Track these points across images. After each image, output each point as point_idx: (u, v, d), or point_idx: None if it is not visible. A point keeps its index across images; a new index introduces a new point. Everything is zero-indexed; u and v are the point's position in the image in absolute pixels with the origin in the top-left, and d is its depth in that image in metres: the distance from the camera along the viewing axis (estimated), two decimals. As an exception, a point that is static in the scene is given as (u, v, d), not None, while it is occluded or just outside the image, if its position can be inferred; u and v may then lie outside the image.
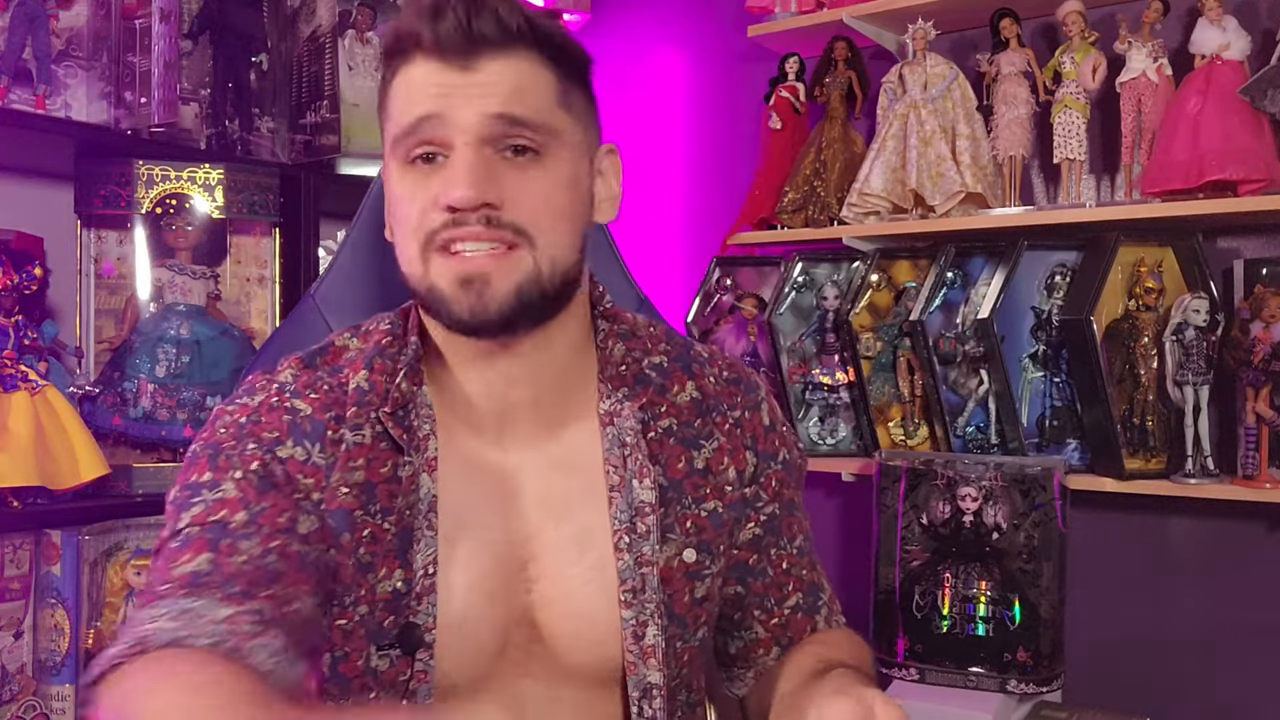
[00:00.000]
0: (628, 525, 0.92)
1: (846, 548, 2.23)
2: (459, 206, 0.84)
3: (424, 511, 0.90)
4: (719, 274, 2.21)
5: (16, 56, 1.65)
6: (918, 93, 1.97)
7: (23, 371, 1.59)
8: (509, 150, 0.87)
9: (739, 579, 1.01)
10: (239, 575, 0.82)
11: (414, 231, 0.87)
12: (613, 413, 0.95)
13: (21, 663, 1.63)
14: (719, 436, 0.98)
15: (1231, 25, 1.72)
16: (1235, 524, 1.83)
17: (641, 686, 0.91)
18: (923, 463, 1.81)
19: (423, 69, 0.87)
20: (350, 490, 0.89)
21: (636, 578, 0.91)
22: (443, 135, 0.86)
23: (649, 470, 0.93)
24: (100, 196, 1.78)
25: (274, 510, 0.87)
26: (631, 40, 2.58)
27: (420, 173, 0.87)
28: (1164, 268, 1.81)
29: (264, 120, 1.96)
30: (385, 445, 0.91)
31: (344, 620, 0.89)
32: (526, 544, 0.92)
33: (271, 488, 0.88)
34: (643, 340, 1.00)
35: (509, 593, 0.91)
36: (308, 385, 0.93)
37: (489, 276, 0.86)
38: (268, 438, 0.90)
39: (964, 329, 1.91)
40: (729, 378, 1.02)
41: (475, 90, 0.86)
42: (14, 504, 1.57)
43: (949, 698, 1.72)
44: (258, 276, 1.90)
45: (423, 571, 0.89)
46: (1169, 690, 1.87)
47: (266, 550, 0.84)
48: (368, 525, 0.89)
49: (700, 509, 0.96)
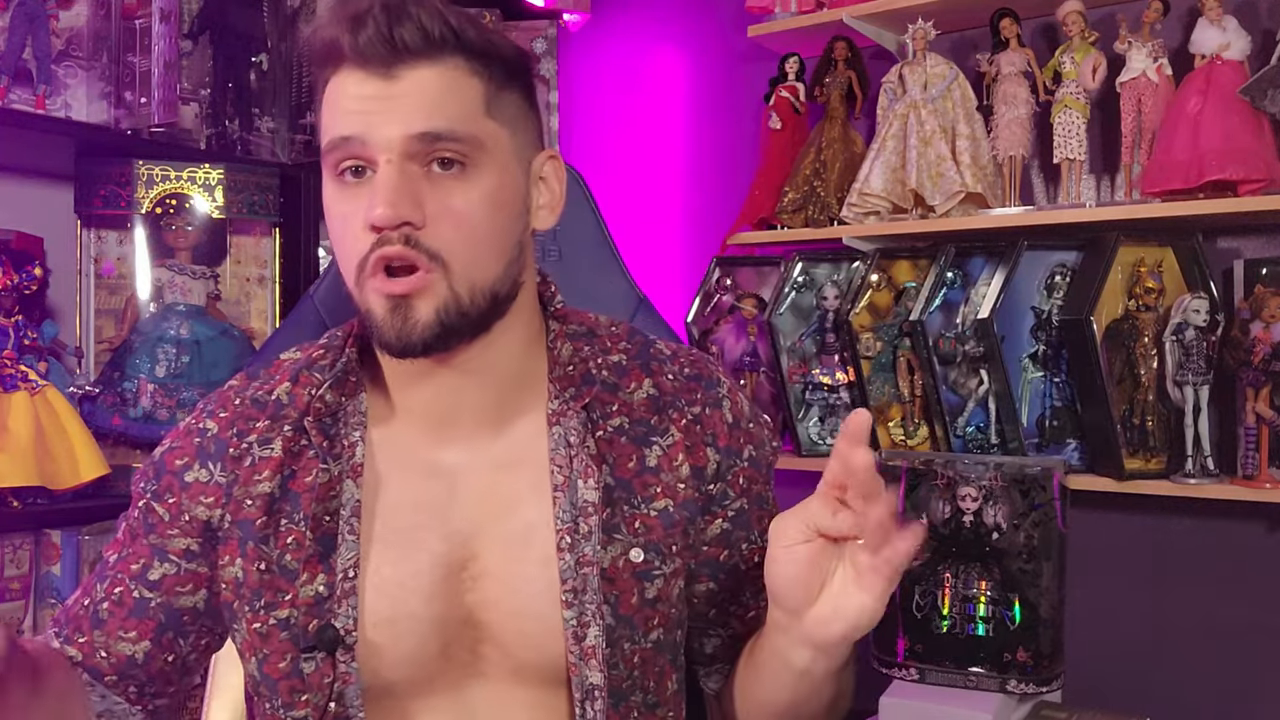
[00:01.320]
0: (570, 525, 0.91)
1: (846, 548, 2.22)
2: (380, 225, 0.84)
3: (346, 517, 0.91)
4: (719, 274, 2.21)
5: (16, 56, 1.65)
6: (918, 93, 1.97)
7: (23, 371, 1.59)
8: (435, 164, 0.86)
9: (710, 575, 0.99)
10: (72, 619, 0.97)
11: (347, 254, 0.87)
12: (560, 412, 0.94)
13: (21, 663, 1.63)
14: (674, 433, 0.96)
15: (1231, 25, 1.72)
16: (1235, 524, 1.83)
17: (584, 688, 0.90)
18: (923, 463, 1.81)
19: (346, 80, 0.86)
20: (254, 502, 0.92)
21: (578, 578, 0.90)
22: (367, 153, 0.85)
23: (593, 470, 0.92)
24: (100, 196, 1.78)
25: (132, 557, 0.96)
26: (631, 40, 2.58)
27: (350, 189, 0.87)
28: (1164, 268, 1.80)
29: (264, 120, 1.96)
30: (313, 454, 0.92)
31: (259, 624, 0.91)
32: (467, 542, 0.92)
33: (145, 530, 0.95)
34: (601, 339, 1.00)
35: (448, 591, 0.91)
36: (225, 402, 0.97)
37: (411, 301, 0.85)
38: (177, 465, 0.95)
39: (964, 329, 1.91)
40: (689, 374, 1.00)
41: (397, 105, 0.85)
42: (14, 504, 1.57)
43: (949, 698, 1.72)
44: (257, 276, 1.90)
45: (343, 575, 0.90)
46: (1169, 690, 1.87)
47: (108, 595, 0.96)
48: (291, 532, 0.91)
49: (650, 508, 0.94)
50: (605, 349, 0.99)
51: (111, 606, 0.95)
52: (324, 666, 0.89)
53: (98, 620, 0.95)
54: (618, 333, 1.02)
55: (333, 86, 0.88)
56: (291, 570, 0.90)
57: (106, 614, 0.95)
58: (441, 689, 0.92)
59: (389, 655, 0.90)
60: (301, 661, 0.90)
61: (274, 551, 0.91)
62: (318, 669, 0.89)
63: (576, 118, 2.60)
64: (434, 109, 0.85)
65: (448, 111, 0.86)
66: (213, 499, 0.93)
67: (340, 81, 0.87)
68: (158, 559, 0.94)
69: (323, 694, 0.89)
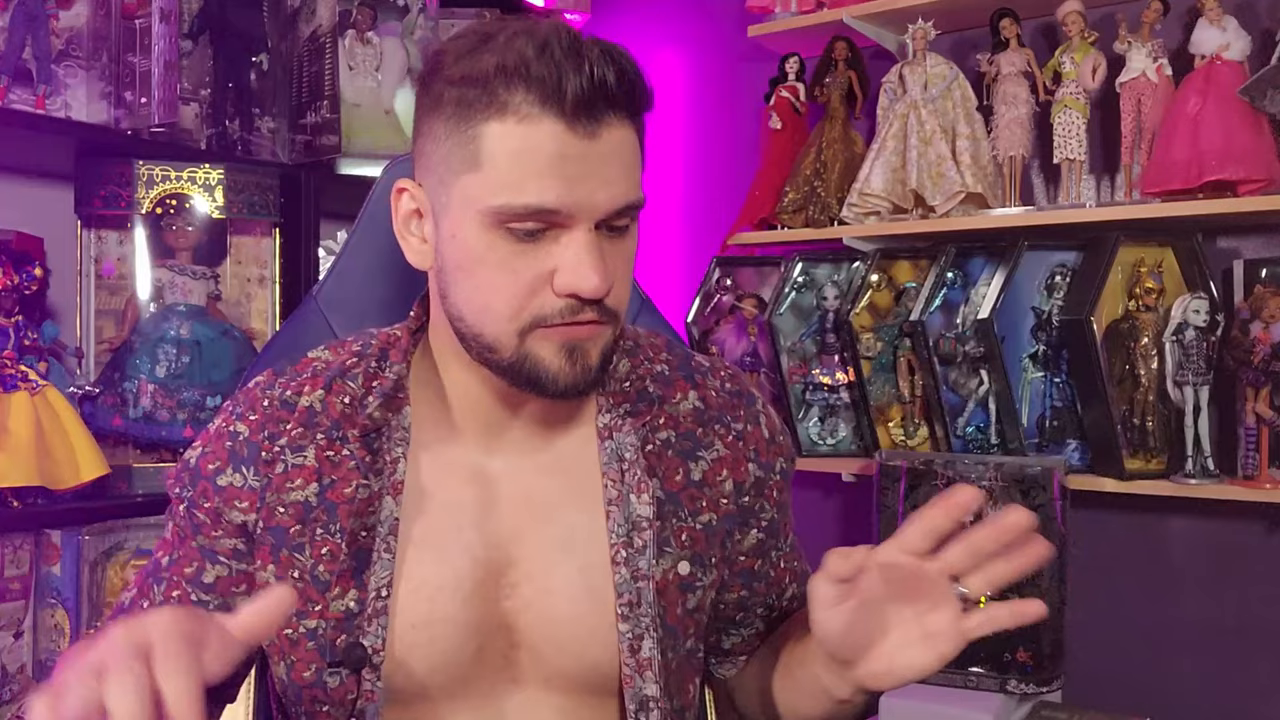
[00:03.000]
0: (625, 540, 0.91)
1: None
2: (591, 298, 0.82)
3: (383, 534, 0.90)
4: (719, 274, 2.21)
5: (16, 56, 1.64)
6: (918, 93, 1.97)
7: (23, 372, 1.59)
8: (606, 228, 0.84)
9: (745, 584, 1.01)
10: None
11: (516, 310, 0.83)
12: (612, 427, 0.95)
13: (21, 663, 1.63)
14: (719, 448, 0.98)
15: (1231, 25, 1.72)
16: (1235, 524, 1.83)
17: (638, 699, 0.91)
18: (923, 463, 1.81)
19: (548, 134, 0.79)
20: (288, 510, 0.90)
21: (633, 591, 0.91)
22: (563, 219, 0.81)
23: (647, 485, 0.93)
24: (100, 196, 1.78)
25: (184, 560, 0.94)
26: (631, 40, 2.57)
27: (522, 243, 0.82)
28: (1164, 268, 1.81)
29: (264, 120, 1.96)
30: (352, 467, 0.91)
31: (289, 630, 0.90)
32: (506, 548, 0.92)
33: (192, 532, 0.93)
34: (645, 350, 1.00)
35: (485, 596, 0.91)
36: (253, 404, 0.94)
37: (586, 345, 0.85)
38: (210, 469, 0.93)
39: (964, 329, 1.91)
40: (731, 389, 1.01)
41: (599, 170, 0.81)
42: (14, 504, 1.57)
43: (949, 698, 1.72)
44: (258, 277, 1.90)
45: (375, 594, 0.89)
46: (1169, 690, 1.87)
47: (168, 599, 0.93)
48: (326, 543, 0.90)
49: (696, 521, 0.95)
50: (649, 359, 1.00)
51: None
52: (348, 682, 0.89)
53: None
54: (657, 344, 1.02)
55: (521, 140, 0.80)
56: (324, 582, 0.89)
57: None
58: (474, 694, 0.92)
59: (423, 658, 0.89)
60: (326, 674, 0.89)
61: (308, 561, 0.90)
62: (342, 684, 0.89)
63: (576, 118, 2.59)
64: (630, 177, 0.84)
65: (635, 177, 0.85)
66: (247, 504, 0.92)
67: (537, 137, 0.79)
68: (209, 561, 0.93)
69: (344, 708, 0.89)
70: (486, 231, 0.82)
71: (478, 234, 0.82)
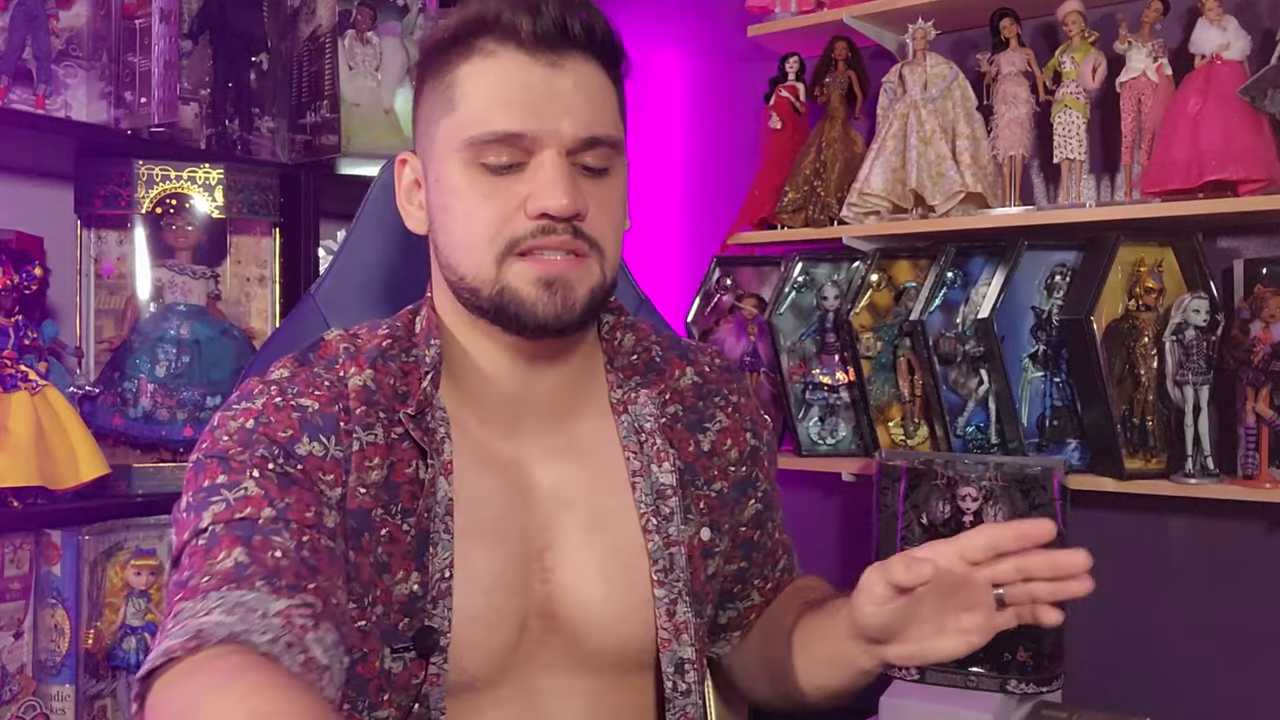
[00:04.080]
0: (653, 509, 0.95)
1: (846, 548, 2.22)
2: (558, 216, 0.85)
3: (441, 515, 0.90)
4: (719, 274, 2.21)
5: (16, 56, 1.65)
6: (918, 93, 1.97)
7: (23, 371, 1.59)
8: (580, 165, 0.88)
9: (744, 555, 1.05)
10: (281, 569, 0.78)
11: (492, 236, 0.87)
12: (626, 401, 0.98)
13: (21, 663, 1.63)
14: (722, 419, 1.03)
15: (1231, 25, 1.72)
16: (1235, 524, 1.83)
17: (675, 661, 0.94)
18: (923, 463, 1.81)
19: (509, 65, 0.86)
20: (368, 490, 0.88)
21: (665, 557, 0.94)
22: (533, 145, 0.86)
23: (668, 454, 0.97)
24: (100, 196, 1.78)
25: (299, 505, 0.83)
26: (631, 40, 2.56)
27: (492, 172, 0.87)
28: (1164, 268, 1.80)
29: (264, 120, 1.96)
30: (408, 446, 0.90)
31: (362, 621, 0.87)
32: (541, 533, 0.94)
33: (292, 483, 0.84)
34: (643, 332, 1.05)
35: (526, 583, 0.92)
36: (308, 383, 0.90)
37: (570, 280, 0.88)
38: (282, 437, 0.86)
39: (964, 329, 1.91)
40: (722, 365, 1.07)
41: (566, 100, 0.86)
42: (14, 504, 1.57)
43: (949, 698, 1.72)
44: (258, 276, 1.90)
45: (439, 575, 0.88)
46: (1169, 690, 1.87)
47: (299, 544, 0.81)
48: (386, 525, 0.88)
49: (710, 489, 1.00)
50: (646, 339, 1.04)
51: (313, 555, 0.81)
52: (413, 666, 0.88)
53: (310, 568, 0.80)
54: (644, 329, 1.06)
55: (487, 70, 0.87)
56: (384, 565, 0.88)
57: (315, 561, 0.81)
58: (511, 680, 0.92)
59: (478, 650, 0.90)
60: (390, 660, 0.88)
61: (370, 542, 0.88)
62: (406, 669, 0.88)
63: (576, 118, 2.59)
64: (597, 111, 0.88)
65: (606, 117, 0.89)
66: (332, 476, 0.86)
67: (500, 66, 0.87)
68: (325, 507, 0.85)
69: (409, 694, 0.88)
70: (465, 169, 0.88)
71: (458, 172, 0.88)
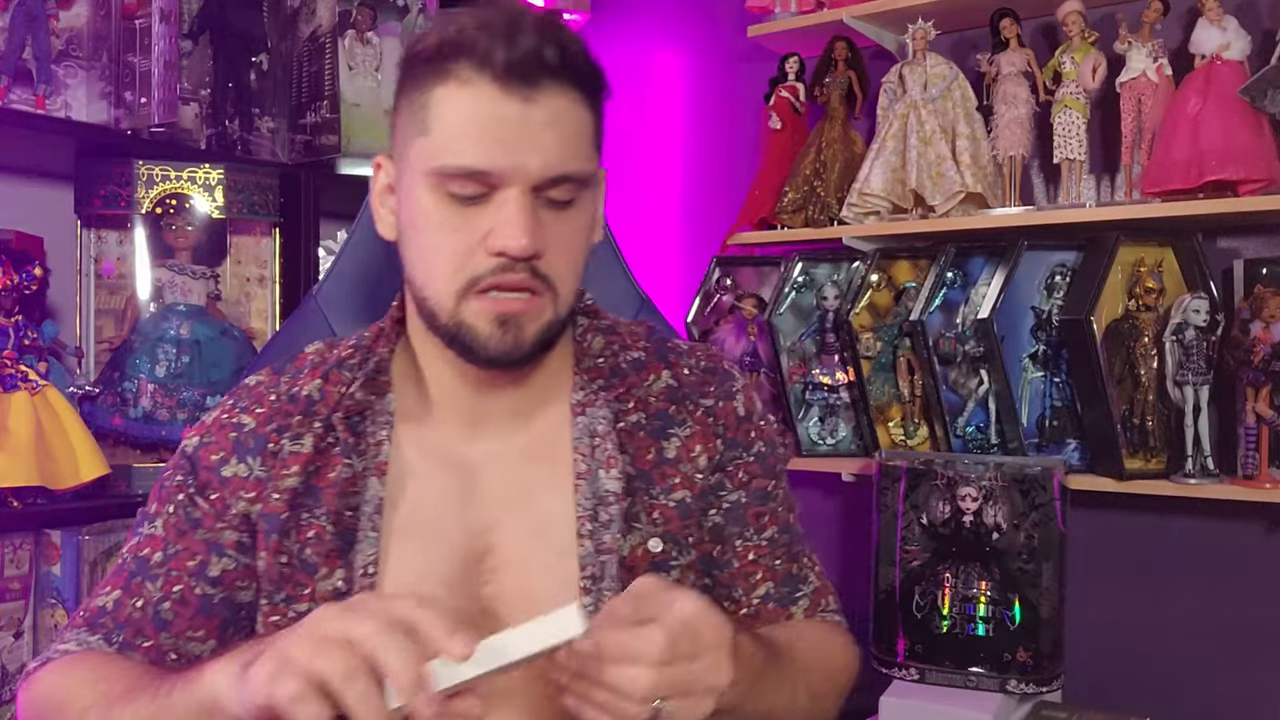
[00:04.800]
0: (590, 513, 0.93)
1: (846, 548, 2.23)
2: (517, 256, 0.85)
3: (369, 513, 0.92)
4: (719, 274, 2.21)
5: (16, 56, 1.65)
6: (918, 93, 1.97)
7: (23, 371, 1.59)
8: (546, 200, 0.88)
9: (706, 571, 1.00)
10: (129, 622, 0.93)
11: (453, 271, 0.87)
12: (585, 403, 0.97)
13: (21, 663, 1.63)
14: (691, 424, 0.99)
15: (1231, 25, 1.72)
16: (1235, 524, 1.83)
17: None
18: (923, 463, 1.81)
19: (483, 95, 0.85)
20: (281, 495, 0.92)
21: (596, 565, 0.92)
22: (497, 179, 0.85)
23: (616, 460, 0.94)
24: (100, 196, 1.78)
25: (185, 554, 0.94)
26: (631, 40, 2.57)
27: (462, 207, 0.87)
28: (1164, 268, 1.80)
29: (264, 120, 1.96)
30: (338, 450, 0.93)
31: (276, 616, 0.92)
32: (485, 535, 0.93)
33: (192, 525, 0.94)
34: (622, 336, 1.03)
35: (466, 584, 0.92)
36: (259, 398, 0.97)
37: (522, 320, 0.88)
38: (213, 460, 0.95)
39: (964, 329, 1.91)
40: (705, 367, 1.03)
41: (536, 136, 0.85)
42: (14, 504, 1.57)
43: (949, 698, 1.72)
44: (258, 276, 1.90)
45: (362, 571, 0.91)
46: (1169, 690, 1.87)
47: (166, 595, 0.93)
48: (312, 526, 0.92)
49: (669, 499, 0.96)
50: (626, 345, 1.02)
51: (175, 606, 0.93)
52: None
53: (162, 622, 0.93)
54: (637, 331, 1.05)
55: (459, 100, 0.86)
56: (311, 564, 0.91)
57: (171, 614, 0.93)
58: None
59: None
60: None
61: (294, 545, 0.92)
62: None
63: (576, 118, 2.59)
64: (569, 146, 0.87)
65: (578, 151, 0.88)
66: (253, 494, 0.94)
67: (473, 98, 0.85)
68: (214, 554, 0.94)
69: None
70: (432, 193, 0.87)
71: (426, 195, 0.88)
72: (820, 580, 1.04)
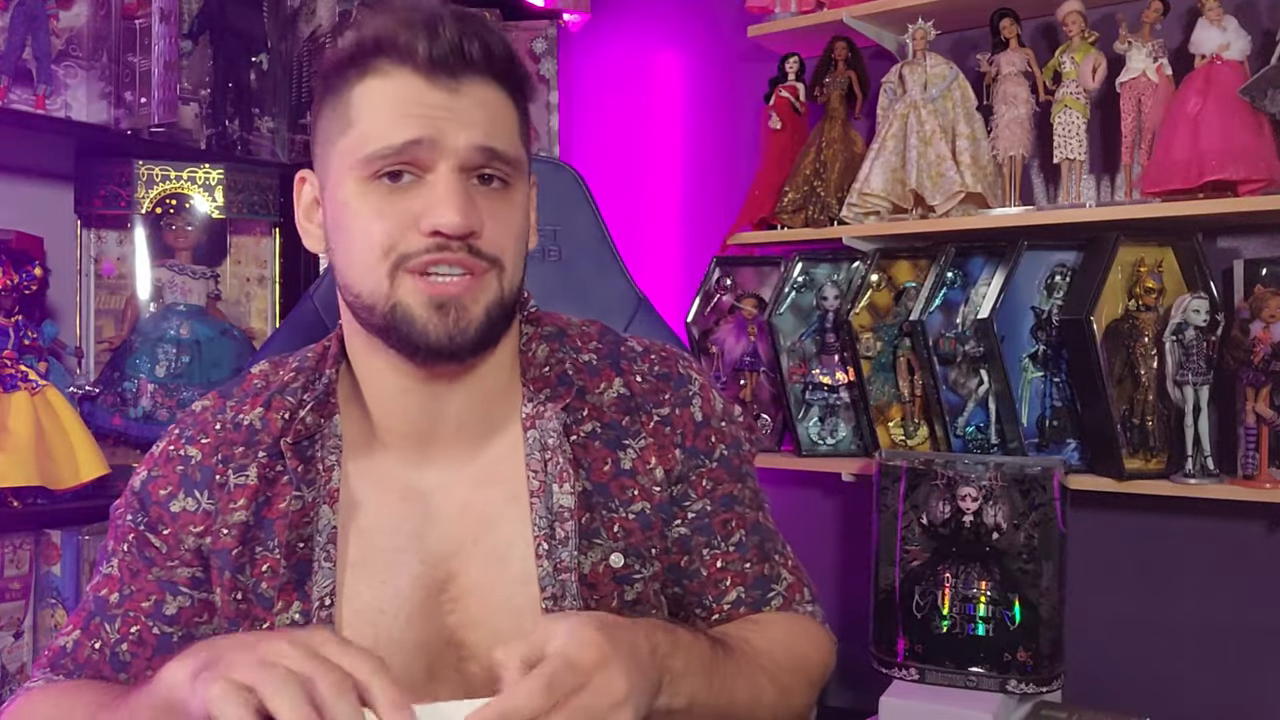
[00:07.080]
0: (546, 532, 0.91)
1: (846, 548, 2.23)
2: (451, 234, 0.83)
3: (322, 544, 0.90)
4: (719, 274, 2.21)
5: (16, 56, 1.65)
6: (918, 93, 1.97)
7: (23, 371, 1.59)
8: (478, 179, 0.87)
9: (675, 581, 0.98)
10: (88, 664, 0.92)
11: (384, 252, 0.85)
12: (535, 415, 0.94)
13: (21, 663, 1.63)
14: (645, 436, 0.96)
15: (1231, 25, 1.72)
16: (1235, 524, 1.83)
17: None
18: (923, 463, 1.81)
19: (405, 85, 0.85)
20: (230, 530, 0.91)
21: (556, 584, 0.90)
22: (426, 158, 0.84)
23: (569, 475, 0.92)
24: (100, 196, 1.78)
25: (140, 594, 0.92)
26: (631, 40, 2.58)
27: (386, 190, 0.85)
28: (1164, 268, 1.80)
29: (264, 120, 1.96)
30: (286, 479, 0.91)
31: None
32: (445, 564, 0.91)
33: (145, 564, 0.93)
34: (573, 339, 1.00)
35: (429, 614, 0.90)
36: (204, 427, 0.96)
37: (463, 301, 0.85)
38: (161, 495, 0.93)
39: (964, 329, 1.91)
40: (659, 373, 0.99)
41: (462, 116, 0.85)
42: (14, 504, 1.57)
43: (949, 698, 1.72)
44: (258, 276, 1.90)
45: (319, 603, 0.89)
46: (1169, 690, 1.87)
47: (124, 636, 0.92)
48: (266, 560, 0.90)
49: (628, 511, 0.93)
50: (576, 349, 0.99)
51: (133, 647, 0.92)
52: None
53: (120, 664, 0.92)
54: (589, 332, 1.01)
55: (383, 88, 0.85)
56: (267, 598, 0.89)
57: (129, 655, 0.92)
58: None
59: None
60: None
61: (249, 580, 0.90)
62: None
63: (576, 118, 2.60)
64: (496, 127, 0.87)
65: (501, 132, 0.87)
66: (202, 527, 0.92)
67: (397, 86, 0.85)
68: (169, 593, 0.92)
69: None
70: (360, 185, 0.86)
71: (353, 190, 0.86)
72: (794, 575, 1.02)
